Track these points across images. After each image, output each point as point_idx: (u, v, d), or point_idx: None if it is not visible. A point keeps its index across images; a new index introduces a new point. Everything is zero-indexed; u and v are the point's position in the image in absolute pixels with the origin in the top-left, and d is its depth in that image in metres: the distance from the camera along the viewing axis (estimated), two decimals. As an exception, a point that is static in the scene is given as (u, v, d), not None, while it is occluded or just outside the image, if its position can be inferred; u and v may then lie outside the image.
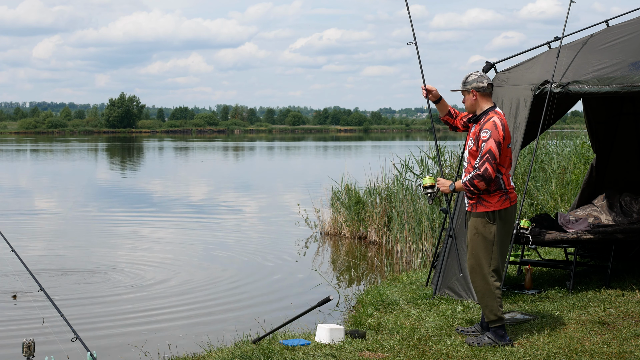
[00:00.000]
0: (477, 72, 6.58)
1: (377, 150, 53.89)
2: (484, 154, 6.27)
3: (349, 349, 6.48)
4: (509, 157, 6.43)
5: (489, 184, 6.32)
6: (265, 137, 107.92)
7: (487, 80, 6.49)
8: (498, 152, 6.28)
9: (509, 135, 6.41)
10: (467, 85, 6.50)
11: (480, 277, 6.45)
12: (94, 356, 5.99)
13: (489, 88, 6.49)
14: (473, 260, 6.49)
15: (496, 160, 6.27)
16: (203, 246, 14.84)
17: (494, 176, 6.29)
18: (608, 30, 8.96)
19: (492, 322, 6.46)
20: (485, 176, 6.26)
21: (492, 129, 6.30)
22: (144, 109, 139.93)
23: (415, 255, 13.15)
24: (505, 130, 6.37)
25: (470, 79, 6.50)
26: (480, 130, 6.38)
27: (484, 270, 6.43)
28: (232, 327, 8.71)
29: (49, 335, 8.06)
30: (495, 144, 6.26)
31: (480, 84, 6.46)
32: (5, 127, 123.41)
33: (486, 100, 6.50)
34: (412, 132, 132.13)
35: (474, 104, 6.51)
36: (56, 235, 16.17)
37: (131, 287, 11.06)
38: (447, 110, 6.91)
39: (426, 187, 6.66)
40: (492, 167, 6.25)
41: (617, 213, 9.56)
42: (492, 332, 6.49)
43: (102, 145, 72.48)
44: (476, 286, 6.51)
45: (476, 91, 6.47)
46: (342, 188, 15.88)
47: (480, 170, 6.27)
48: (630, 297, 8.07)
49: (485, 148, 6.28)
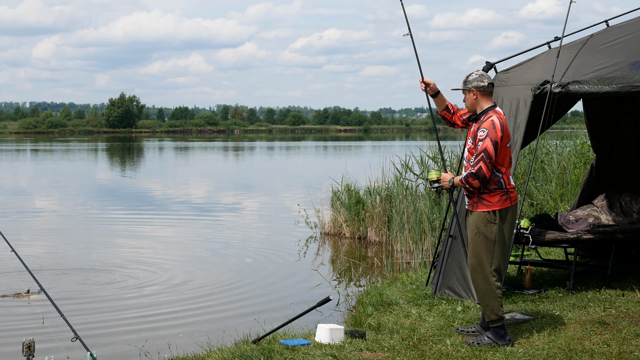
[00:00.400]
0: (478, 71, 6.60)
1: (377, 150, 53.89)
2: (479, 152, 6.30)
3: (349, 349, 6.48)
4: (508, 157, 6.43)
5: (483, 182, 6.34)
6: (265, 137, 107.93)
7: (487, 80, 6.51)
8: (494, 152, 6.29)
9: (508, 134, 6.42)
10: (468, 84, 6.53)
11: (482, 277, 6.45)
12: (94, 356, 5.99)
13: (489, 87, 6.51)
14: (474, 259, 6.49)
15: (491, 160, 6.29)
16: (203, 246, 14.84)
17: (488, 175, 6.31)
18: (608, 30, 8.96)
19: (493, 322, 6.46)
20: (479, 175, 6.29)
21: (489, 128, 6.32)
22: (144, 109, 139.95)
23: (415, 255, 13.15)
24: (504, 129, 6.37)
25: (471, 78, 6.53)
26: (478, 129, 6.41)
27: (486, 269, 6.44)
28: (232, 327, 8.71)
29: (49, 335, 8.06)
30: (491, 143, 6.28)
31: (480, 83, 6.48)
32: (5, 127, 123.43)
33: (486, 99, 6.51)
34: (412, 132, 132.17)
35: (474, 103, 6.53)
36: (56, 235, 16.17)
37: (131, 287, 11.06)
38: (444, 105, 6.93)
39: (433, 182, 6.72)
40: (486, 167, 6.28)
41: (617, 213, 9.56)
42: (492, 332, 6.49)
43: (102, 145, 72.49)
44: (477, 285, 6.51)
45: (477, 90, 6.49)
46: (342, 188, 15.88)
47: (475, 169, 6.30)
48: (630, 297, 8.07)
49: (481, 147, 6.30)
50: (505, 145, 6.39)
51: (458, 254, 8.31)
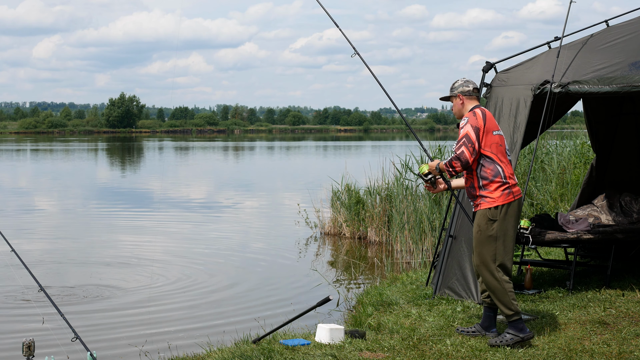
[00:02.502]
0: (463, 78, 6.86)
1: (377, 150, 53.88)
2: (461, 138, 6.50)
3: (349, 349, 6.49)
4: (496, 144, 6.53)
5: (465, 167, 6.49)
6: (265, 137, 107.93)
7: (472, 85, 6.79)
8: (475, 137, 6.45)
9: (492, 123, 6.55)
10: (454, 91, 6.83)
11: (489, 274, 6.49)
12: (94, 356, 5.99)
13: (474, 92, 6.78)
14: (477, 259, 6.55)
15: (473, 144, 6.43)
16: (203, 246, 14.84)
17: (471, 160, 6.44)
18: (608, 30, 8.96)
19: (509, 317, 6.48)
20: (461, 158, 6.45)
21: (469, 116, 6.57)
22: (144, 109, 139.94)
23: (415, 255, 13.15)
24: (487, 118, 6.53)
25: (456, 84, 6.83)
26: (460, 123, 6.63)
27: (490, 266, 6.49)
28: (232, 327, 8.71)
29: (49, 335, 8.06)
30: (472, 129, 6.47)
31: (465, 88, 6.77)
32: (5, 127, 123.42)
33: (472, 102, 6.77)
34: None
35: (461, 108, 6.79)
36: (56, 235, 16.17)
37: (131, 287, 11.06)
38: (460, 182, 6.94)
39: (426, 175, 6.83)
40: (468, 151, 6.43)
41: (617, 213, 9.56)
42: (511, 327, 6.49)
43: (102, 145, 72.49)
44: (487, 284, 6.54)
45: (462, 95, 6.77)
46: (342, 188, 15.88)
47: (457, 152, 6.48)
48: (630, 297, 8.07)
49: (462, 133, 6.50)
50: (492, 132, 6.52)
51: (458, 254, 8.32)
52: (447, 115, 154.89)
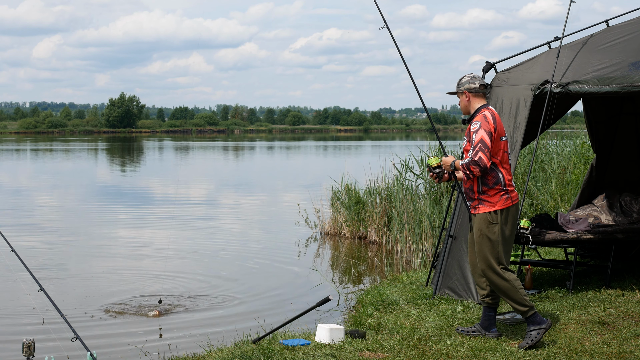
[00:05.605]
0: (470, 74, 6.79)
1: (377, 150, 53.87)
2: (476, 144, 6.42)
3: (349, 349, 6.48)
4: (501, 150, 6.53)
5: (483, 172, 6.44)
6: (265, 137, 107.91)
7: (479, 82, 6.70)
8: (490, 142, 6.41)
9: (501, 127, 6.54)
10: (460, 87, 6.75)
11: (496, 276, 6.49)
12: (94, 356, 5.99)
13: (481, 89, 6.69)
14: (483, 263, 6.53)
15: (489, 149, 6.40)
16: (202, 246, 14.84)
17: (488, 165, 6.40)
18: (608, 30, 8.96)
19: (525, 313, 6.47)
20: (480, 164, 6.39)
21: (481, 120, 6.49)
22: (144, 109, 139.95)
23: (415, 255, 13.15)
24: (497, 122, 6.51)
25: (463, 80, 6.75)
26: (471, 125, 6.55)
27: (496, 268, 6.50)
28: (232, 327, 8.71)
29: (49, 335, 8.06)
30: (486, 133, 6.42)
31: (472, 85, 6.69)
32: (5, 127, 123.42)
33: (479, 100, 6.69)
34: (412, 132, 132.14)
35: (467, 105, 6.72)
36: (56, 235, 16.17)
37: (131, 287, 11.06)
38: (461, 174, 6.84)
39: (434, 167, 6.79)
40: (486, 156, 6.38)
41: (617, 213, 9.56)
42: (531, 323, 6.47)
43: (102, 145, 72.48)
44: (497, 286, 6.52)
45: (469, 92, 6.69)
46: (342, 188, 15.88)
47: (475, 157, 6.40)
48: (630, 297, 8.07)
49: (477, 138, 6.43)
50: (499, 139, 6.50)
51: (458, 254, 8.31)
52: (447, 115, 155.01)
